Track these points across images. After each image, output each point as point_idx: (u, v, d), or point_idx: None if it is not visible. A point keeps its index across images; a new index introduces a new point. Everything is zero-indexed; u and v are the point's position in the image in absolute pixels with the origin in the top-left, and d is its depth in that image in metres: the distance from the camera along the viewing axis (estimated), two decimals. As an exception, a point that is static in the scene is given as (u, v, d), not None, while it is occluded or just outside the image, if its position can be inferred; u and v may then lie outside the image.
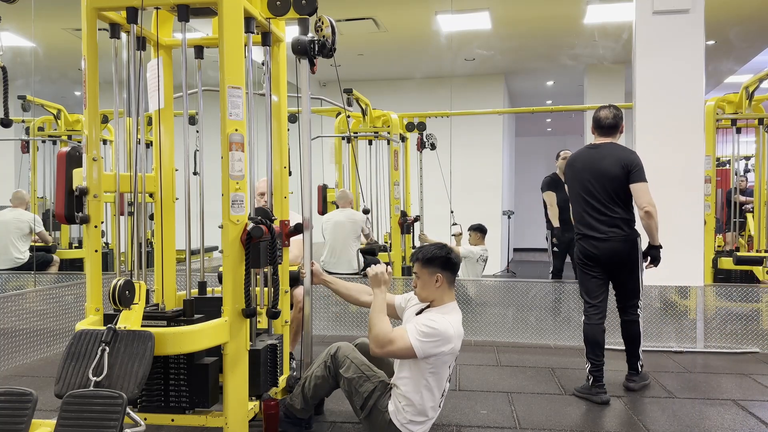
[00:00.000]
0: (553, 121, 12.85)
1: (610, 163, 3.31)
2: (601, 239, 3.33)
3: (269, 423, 2.49)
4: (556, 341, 4.61)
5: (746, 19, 7.10)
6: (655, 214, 3.24)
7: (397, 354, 2.43)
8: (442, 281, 2.51)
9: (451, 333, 2.39)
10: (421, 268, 2.54)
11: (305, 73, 2.80)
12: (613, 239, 3.31)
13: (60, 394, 1.97)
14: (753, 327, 4.36)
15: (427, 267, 2.52)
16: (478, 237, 6.34)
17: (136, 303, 2.24)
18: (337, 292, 2.94)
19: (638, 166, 3.28)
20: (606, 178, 3.31)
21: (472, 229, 6.41)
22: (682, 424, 2.93)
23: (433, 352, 2.36)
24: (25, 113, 5.65)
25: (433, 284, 2.52)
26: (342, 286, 2.94)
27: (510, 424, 2.91)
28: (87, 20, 2.37)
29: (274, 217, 2.55)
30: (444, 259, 2.52)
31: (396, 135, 5.99)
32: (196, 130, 2.70)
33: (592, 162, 3.39)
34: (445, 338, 2.37)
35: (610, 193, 3.31)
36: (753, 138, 5.74)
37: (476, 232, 6.38)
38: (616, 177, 3.29)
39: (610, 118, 3.43)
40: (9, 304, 3.99)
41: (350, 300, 2.95)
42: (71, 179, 2.37)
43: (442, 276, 2.50)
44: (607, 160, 3.33)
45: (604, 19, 7.00)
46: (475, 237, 6.35)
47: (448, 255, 2.54)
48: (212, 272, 3.81)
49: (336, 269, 5.33)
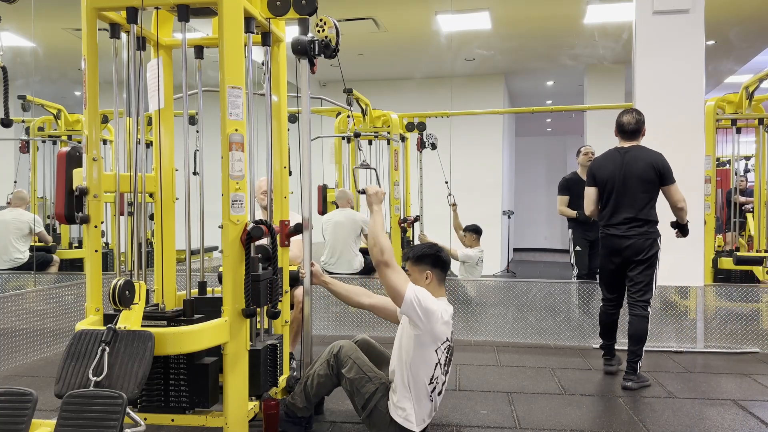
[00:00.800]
0: (553, 121, 12.85)
1: (642, 166, 3.54)
2: (628, 236, 3.56)
3: (269, 423, 2.50)
4: (556, 341, 4.61)
5: (746, 19, 7.10)
6: (686, 207, 3.58)
7: (390, 279, 2.43)
8: (432, 278, 2.61)
9: (435, 309, 2.44)
10: (412, 266, 2.65)
11: (305, 73, 2.80)
12: (637, 237, 3.54)
13: (60, 394, 1.97)
14: (753, 327, 4.36)
15: (417, 264, 2.64)
16: (474, 238, 6.22)
17: (136, 303, 2.24)
18: (336, 293, 2.94)
19: (669, 168, 3.54)
20: (638, 180, 3.54)
21: (467, 231, 6.30)
22: (682, 424, 2.93)
23: (416, 310, 2.39)
24: (25, 113, 5.65)
25: (423, 281, 2.60)
26: (341, 287, 2.95)
27: (510, 424, 2.91)
28: (87, 20, 2.37)
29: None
30: (434, 257, 2.64)
31: (396, 135, 5.99)
32: (196, 130, 2.70)
33: (624, 165, 3.60)
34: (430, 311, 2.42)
35: (640, 194, 3.55)
36: (753, 138, 5.75)
37: (472, 233, 6.24)
38: (649, 179, 3.53)
39: (633, 123, 3.64)
40: (9, 304, 3.99)
41: (349, 301, 2.96)
42: (71, 179, 2.37)
43: (431, 273, 2.61)
44: (639, 163, 3.55)
45: (604, 19, 7.00)
46: (471, 238, 6.23)
47: (437, 253, 2.65)
48: (212, 272, 3.81)
49: (336, 269, 5.33)
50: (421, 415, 2.51)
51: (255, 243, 2.41)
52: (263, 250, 2.49)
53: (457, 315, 4.72)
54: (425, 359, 2.47)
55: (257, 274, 2.37)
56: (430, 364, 2.48)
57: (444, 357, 2.53)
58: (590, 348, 4.46)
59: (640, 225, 3.54)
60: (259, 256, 2.44)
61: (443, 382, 2.58)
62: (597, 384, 3.58)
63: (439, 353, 2.50)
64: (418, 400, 2.49)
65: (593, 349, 4.43)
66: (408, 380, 2.48)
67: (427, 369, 2.48)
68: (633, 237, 3.54)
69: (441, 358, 2.52)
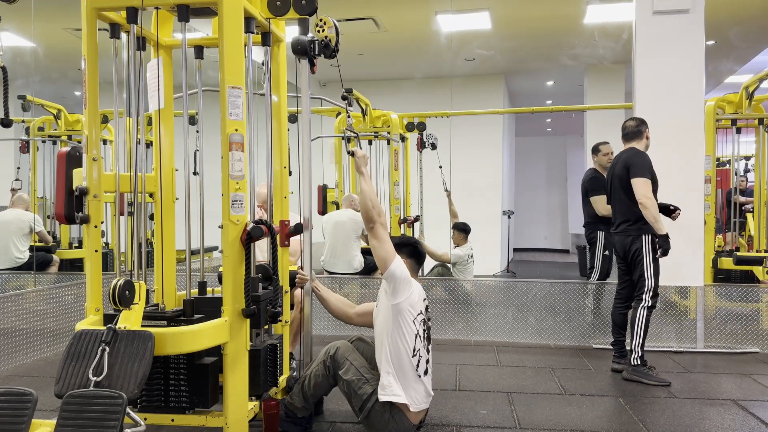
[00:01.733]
0: (553, 121, 12.84)
1: (620, 166, 3.75)
2: (616, 233, 3.82)
3: (269, 423, 2.50)
4: (556, 341, 4.61)
5: (746, 19, 7.10)
6: (649, 206, 3.56)
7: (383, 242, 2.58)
8: (408, 266, 2.71)
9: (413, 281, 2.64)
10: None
11: (305, 73, 2.80)
12: (622, 233, 3.76)
13: (60, 394, 1.97)
14: (753, 327, 4.36)
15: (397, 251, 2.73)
16: (461, 237, 6.15)
17: (136, 303, 2.23)
18: (323, 300, 3.01)
19: (636, 164, 3.64)
20: (618, 179, 3.76)
21: (455, 229, 6.22)
22: (682, 424, 2.93)
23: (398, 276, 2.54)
24: (25, 113, 5.65)
25: None
26: (330, 296, 3.03)
27: (510, 424, 2.91)
28: (87, 20, 2.37)
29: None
30: (412, 247, 2.86)
31: (396, 135, 5.99)
32: (196, 130, 2.70)
33: (612, 166, 3.90)
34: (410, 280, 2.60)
35: (621, 193, 3.74)
36: (753, 138, 5.74)
37: (460, 232, 6.16)
38: (622, 177, 3.71)
39: (630, 126, 3.84)
40: (9, 304, 3.99)
41: (335, 312, 3.03)
42: (71, 179, 2.37)
43: (408, 262, 2.75)
44: (619, 164, 3.78)
45: (604, 19, 7.00)
46: (458, 237, 6.16)
47: (415, 244, 2.90)
48: (212, 272, 3.81)
49: (336, 269, 5.34)
50: (413, 395, 2.52)
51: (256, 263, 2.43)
52: (263, 269, 2.51)
53: (457, 315, 4.76)
54: (404, 330, 2.53)
55: (257, 294, 2.37)
56: (410, 334, 2.54)
57: (422, 329, 2.59)
58: (590, 348, 4.46)
59: (623, 222, 3.75)
60: (259, 275, 2.44)
61: (427, 360, 2.60)
62: (597, 384, 3.58)
63: (417, 325, 2.56)
64: (404, 375, 2.51)
65: (593, 349, 4.43)
66: (390, 354, 2.52)
67: (408, 340, 2.53)
68: (618, 234, 3.79)
69: (419, 330, 2.57)
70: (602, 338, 4.48)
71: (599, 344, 4.48)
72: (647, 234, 3.62)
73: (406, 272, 2.60)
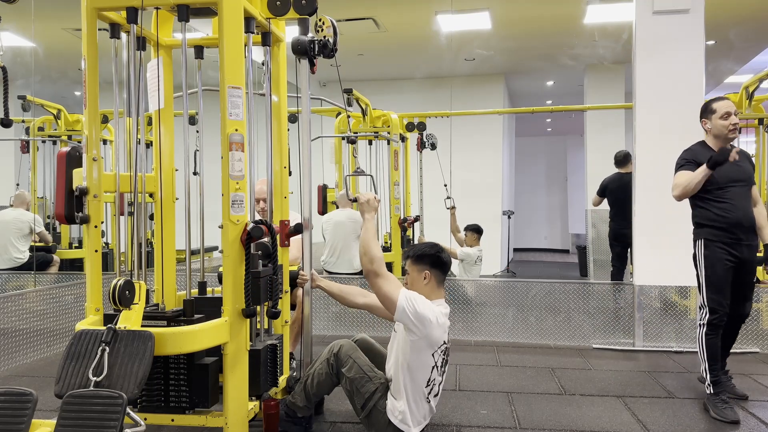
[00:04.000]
0: (553, 121, 12.84)
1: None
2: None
3: (269, 423, 2.49)
4: (556, 341, 4.61)
5: (746, 19, 7.10)
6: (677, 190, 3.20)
7: (381, 288, 2.42)
8: (430, 278, 2.57)
9: (429, 315, 2.41)
10: (411, 265, 2.62)
11: (305, 73, 2.80)
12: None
13: (60, 394, 1.97)
14: (753, 327, 4.36)
15: (416, 264, 2.60)
16: (475, 238, 6.24)
17: (136, 303, 2.24)
18: (332, 294, 2.91)
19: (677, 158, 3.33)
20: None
21: (469, 230, 6.31)
22: (682, 424, 2.93)
23: (409, 317, 2.37)
24: (25, 113, 5.65)
25: (422, 281, 2.58)
26: (337, 288, 2.92)
27: (510, 424, 2.91)
28: (87, 20, 2.37)
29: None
30: (434, 257, 2.60)
31: (396, 135, 5.99)
32: (196, 130, 2.70)
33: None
34: (424, 317, 2.39)
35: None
36: (753, 138, 5.74)
37: (473, 232, 6.26)
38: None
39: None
40: (9, 304, 3.99)
41: (346, 302, 2.94)
42: (71, 179, 2.37)
43: (430, 273, 2.58)
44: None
45: (604, 19, 7.00)
46: (472, 237, 6.25)
47: (438, 253, 2.61)
48: (212, 272, 3.81)
49: (336, 269, 5.34)
50: (418, 417, 2.51)
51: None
52: (263, 247, 2.48)
53: (457, 315, 4.75)
54: (422, 363, 2.47)
55: (257, 270, 2.36)
56: (426, 367, 2.48)
57: (441, 359, 2.53)
58: (590, 348, 4.46)
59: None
60: (259, 253, 2.43)
61: (440, 383, 2.58)
62: (597, 384, 3.58)
63: (436, 356, 2.50)
64: (416, 402, 2.49)
65: (593, 349, 4.43)
66: (405, 383, 2.47)
67: (424, 372, 2.48)
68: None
69: (438, 361, 2.51)
70: (602, 338, 4.49)
71: (599, 344, 4.48)
72: (700, 239, 3.19)
73: (420, 304, 2.40)
